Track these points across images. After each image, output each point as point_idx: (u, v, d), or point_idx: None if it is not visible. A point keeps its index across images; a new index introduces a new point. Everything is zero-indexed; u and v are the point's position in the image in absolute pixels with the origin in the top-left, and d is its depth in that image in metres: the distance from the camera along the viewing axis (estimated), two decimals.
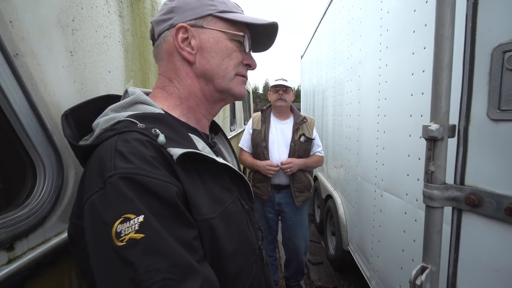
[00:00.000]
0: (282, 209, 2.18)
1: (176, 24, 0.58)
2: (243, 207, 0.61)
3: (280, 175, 2.12)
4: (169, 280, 0.39)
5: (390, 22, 1.70)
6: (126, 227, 0.39)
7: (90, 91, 0.70)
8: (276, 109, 2.20)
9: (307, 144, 2.11)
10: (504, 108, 0.44)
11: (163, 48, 0.61)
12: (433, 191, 0.52)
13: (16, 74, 0.50)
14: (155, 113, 0.54)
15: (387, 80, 1.76)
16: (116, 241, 0.38)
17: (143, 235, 0.39)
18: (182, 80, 0.60)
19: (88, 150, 0.50)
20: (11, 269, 0.48)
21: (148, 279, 0.38)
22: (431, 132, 0.50)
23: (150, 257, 0.39)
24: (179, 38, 0.57)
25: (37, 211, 0.54)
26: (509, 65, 0.43)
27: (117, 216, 0.39)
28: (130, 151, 0.44)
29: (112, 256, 0.39)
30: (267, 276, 0.69)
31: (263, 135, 2.12)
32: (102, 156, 0.45)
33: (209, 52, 0.59)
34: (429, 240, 0.54)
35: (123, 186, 0.41)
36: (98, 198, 0.42)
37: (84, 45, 0.68)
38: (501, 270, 0.46)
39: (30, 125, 0.53)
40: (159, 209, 0.42)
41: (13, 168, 0.55)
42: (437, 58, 0.50)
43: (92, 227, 0.42)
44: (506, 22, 0.44)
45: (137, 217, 0.39)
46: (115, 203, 0.40)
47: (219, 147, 0.72)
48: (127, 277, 0.38)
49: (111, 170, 0.42)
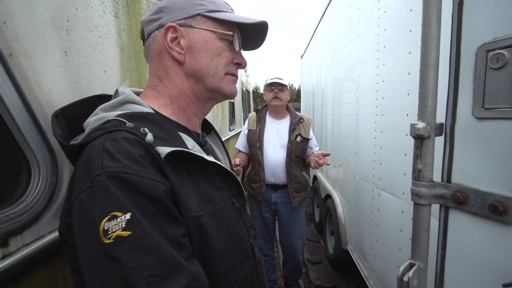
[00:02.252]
0: (278, 209, 2.18)
1: (165, 24, 0.58)
2: (233, 205, 0.62)
3: (275, 174, 2.10)
4: (156, 277, 0.39)
5: (388, 22, 1.71)
6: (113, 224, 0.39)
7: (85, 90, 0.71)
8: (272, 108, 2.16)
9: (303, 144, 2.09)
10: (488, 107, 0.44)
11: (153, 48, 0.61)
12: (421, 189, 0.52)
13: (10, 74, 0.51)
14: (144, 112, 0.55)
15: (384, 80, 1.76)
16: (103, 238, 0.39)
17: (130, 232, 0.40)
18: (172, 79, 0.61)
19: (78, 149, 0.50)
20: (5, 265, 0.49)
21: (135, 276, 0.38)
22: (417, 131, 0.51)
23: (137, 254, 0.39)
24: (168, 38, 0.58)
25: (31, 208, 0.55)
26: (492, 64, 0.43)
27: (104, 214, 0.40)
28: (118, 150, 0.45)
29: (99, 253, 0.40)
30: (260, 273, 0.70)
31: (258, 135, 2.09)
32: (90, 155, 0.45)
33: (198, 52, 0.59)
34: (417, 237, 0.54)
35: (110, 185, 0.41)
36: (86, 196, 0.42)
37: (79, 45, 0.69)
38: (486, 266, 0.47)
39: (24, 124, 0.54)
40: (146, 206, 0.43)
41: (7, 166, 0.56)
42: (424, 57, 0.51)
43: (80, 225, 0.43)
44: (489, 21, 0.44)
45: (124, 214, 0.40)
46: (102, 201, 0.41)
47: (210, 146, 0.73)
48: (115, 274, 0.39)
49: (98, 169, 0.42)
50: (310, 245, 3.51)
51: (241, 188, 0.67)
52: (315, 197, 4.26)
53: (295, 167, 2.09)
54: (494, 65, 0.43)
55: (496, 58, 0.43)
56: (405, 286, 0.52)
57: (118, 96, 0.57)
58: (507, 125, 0.42)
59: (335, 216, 2.81)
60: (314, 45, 4.45)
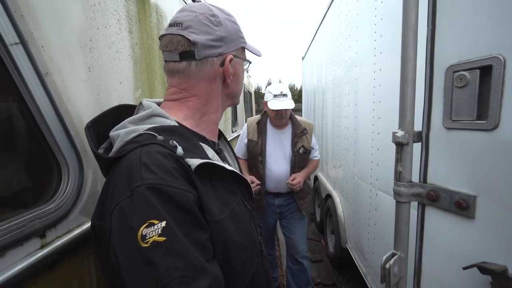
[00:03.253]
0: (283, 211, 2.19)
1: (225, 54, 0.68)
2: (245, 207, 0.69)
3: (278, 185, 2.09)
4: (186, 278, 0.45)
5: (384, 29, 1.78)
6: (151, 231, 0.45)
7: (104, 101, 0.79)
8: (275, 123, 2.09)
9: (305, 155, 2.07)
10: (454, 119, 0.52)
11: (208, 71, 0.66)
12: (401, 188, 0.60)
13: (46, 90, 0.59)
14: (170, 125, 0.61)
15: (381, 84, 1.84)
16: (141, 242, 0.45)
17: (165, 238, 0.45)
18: (212, 98, 0.70)
19: (111, 160, 0.57)
20: (44, 253, 0.58)
21: (168, 276, 0.44)
22: (397, 138, 0.58)
23: (171, 257, 0.45)
24: (230, 69, 0.69)
25: (63, 205, 0.64)
26: (457, 83, 0.51)
27: (143, 221, 0.46)
28: (154, 163, 0.50)
29: (137, 256, 0.45)
30: (266, 267, 0.77)
31: (260, 148, 2.04)
32: (128, 167, 0.51)
33: (238, 78, 0.74)
34: (398, 231, 0.62)
35: (149, 195, 0.47)
36: (126, 204, 0.48)
37: (99, 61, 0.78)
38: (454, 254, 0.54)
39: (57, 132, 0.62)
40: (179, 215, 0.49)
41: (43, 168, 0.64)
42: (403, 75, 0.59)
43: (120, 229, 0.48)
44: (455, 46, 0.52)
45: (160, 222, 0.46)
46: (141, 210, 0.47)
47: (223, 153, 0.81)
48: (149, 274, 0.45)
49: (138, 181, 0.48)
50: (311, 244, 3.59)
51: (251, 191, 0.75)
52: (316, 197, 4.33)
53: None
54: (458, 84, 0.51)
55: (460, 78, 0.50)
56: (387, 273, 0.60)
57: (143, 109, 0.64)
58: (468, 135, 0.50)
59: (335, 215, 2.88)
60: (315, 47, 4.53)
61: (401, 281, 0.61)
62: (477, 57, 0.48)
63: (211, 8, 0.67)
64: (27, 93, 0.56)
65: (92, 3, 0.75)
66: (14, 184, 0.59)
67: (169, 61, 0.66)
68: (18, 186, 0.60)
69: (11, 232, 0.51)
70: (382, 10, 1.80)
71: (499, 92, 0.45)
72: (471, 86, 0.49)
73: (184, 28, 0.63)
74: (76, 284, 0.67)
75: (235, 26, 0.71)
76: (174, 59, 0.65)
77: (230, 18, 0.71)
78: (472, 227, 0.51)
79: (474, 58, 0.48)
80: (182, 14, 0.65)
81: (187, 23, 0.63)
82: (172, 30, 0.64)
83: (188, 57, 0.64)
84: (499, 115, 0.45)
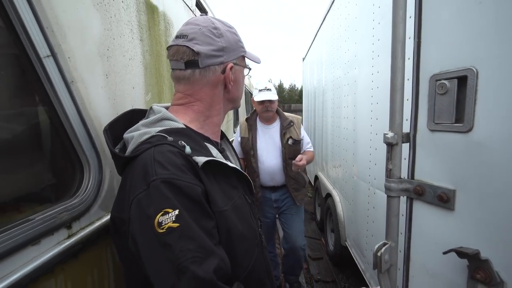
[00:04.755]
0: (280, 205, 2.29)
1: (226, 62, 0.74)
2: (246, 201, 0.76)
3: (273, 178, 2.19)
4: (197, 258, 0.52)
5: (381, 33, 1.84)
6: (166, 218, 0.52)
7: (119, 105, 0.86)
8: (263, 117, 2.23)
9: (295, 146, 2.16)
10: (437, 122, 0.58)
11: (210, 78, 0.73)
12: (391, 184, 0.67)
13: (72, 96, 0.66)
14: (179, 128, 0.68)
15: (379, 86, 1.90)
16: (158, 229, 0.51)
17: (178, 224, 0.52)
18: (215, 103, 0.77)
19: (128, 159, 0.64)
20: (70, 242, 0.64)
21: (182, 256, 0.51)
22: (387, 139, 0.65)
23: (184, 240, 0.52)
24: (230, 76, 0.75)
25: (85, 200, 0.71)
26: (439, 90, 0.57)
27: (158, 210, 0.52)
28: (166, 160, 0.57)
29: (154, 240, 0.52)
30: (266, 258, 0.84)
31: (251, 143, 2.17)
32: (144, 164, 0.57)
33: (239, 84, 0.80)
34: (389, 223, 0.69)
35: (163, 188, 0.54)
36: (143, 196, 0.54)
37: (115, 68, 0.84)
38: (438, 242, 0.61)
39: (81, 134, 0.69)
40: (189, 205, 0.55)
41: (68, 166, 0.71)
42: (392, 83, 0.65)
43: (139, 218, 0.54)
44: (437, 58, 0.58)
45: (174, 211, 0.52)
46: (157, 200, 0.53)
47: (226, 152, 0.88)
48: (166, 256, 0.51)
49: (153, 175, 0.55)
50: (312, 242, 3.65)
51: (251, 186, 0.81)
52: (317, 196, 4.39)
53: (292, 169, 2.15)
54: (440, 91, 0.57)
55: (441, 86, 0.57)
56: (378, 260, 0.67)
57: (153, 113, 0.71)
58: (448, 136, 0.57)
59: (335, 214, 2.94)
60: (315, 49, 4.59)
61: (391, 267, 0.68)
62: (455, 68, 0.54)
63: (214, 22, 0.74)
64: (56, 100, 0.63)
65: (109, 15, 0.82)
66: (45, 180, 0.66)
67: (176, 69, 0.73)
68: (48, 182, 0.67)
69: (45, 222, 0.58)
70: (380, 14, 1.86)
71: (472, 99, 0.51)
72: (450, 93, 0.55)
73: (189, 40, 0.70)
74: (96, 271, 0.74)
75: (235, 37, 0.77)
76: (180, 67, 0.71)
77: (231, 30, 0.77)
78: (452, 217, 0.58)
79: (452, 69, 0.55)
80: (188, 27, 0.72)
81: (192, 35, 0.70)
82: (179, 41, 0.71)
83: (192, 65, 0.71)
84: (473, 119, 0.52)
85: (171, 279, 0.51)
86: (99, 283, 0.75)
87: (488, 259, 0.52)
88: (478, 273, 0.54)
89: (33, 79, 0.60)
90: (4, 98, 0.59)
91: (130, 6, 0.94)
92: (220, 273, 0.54)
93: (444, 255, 0.59)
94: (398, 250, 0.69)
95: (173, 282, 0.51)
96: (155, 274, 0.53)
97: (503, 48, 0.48)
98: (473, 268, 0.54)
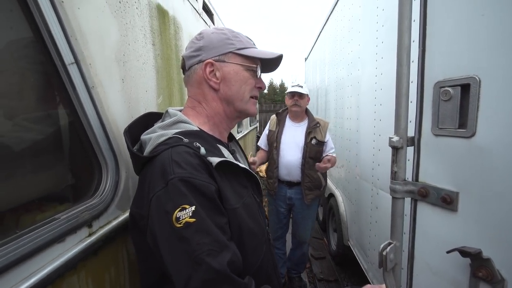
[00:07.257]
0: (293, 203, 2.38)
1: (204, 60, 0.75)
2: (255, 200, 0.79)
3: (290, 172, 2.30)
4: (212, 251, 0.55)
5: (385, 35, 1.86)
6: (183, 214, 0.55)
7: (134, 108, 0.90)
8: (292, 112, 2.40)
9: (318, 147, 2.26)
10: (440, 127, 0.61)
11: (193, 78, 0.78)
12: (396, 186, 0.70)
13: (92, 101, 0.70)
14: (193, 130, 0.72)
15: (382, 88, 1.92)
16: (175, 223, 0.55)
17: (195, 219, 0.55)
18: (209, 102, 0.79)
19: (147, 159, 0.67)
20: (91, 240, 0.68)
21: (199, 249, 0.54)
22: (393, 143, 0.68)
23: (200, 234, 0.55)
24: (207, 71, 0.75)
25: (104, 199, 0.74)
26: (443, 97, 0.60)
27: (176, 206, 0.56)
28: (183, 160, 0.61)
29: (172, 234, 0.55)
30: (272, 254, 0.87)
31: (275, 136, 2.34)
32: (162, 164, 0.61)
33: (230, 81, 0.76)
34: (394, 223, 0.72)
35: (181, 186, 0.57)
36: (162, 193, 0.58)
37: (130, 73, 0.88)
38: (441, 242, 0.64)
39: (100, 136, 0.73)
40: (204, 202, 0.58)
41: (89, 168, 0.74)
42: (398, 89, 0.68)
43: (157, 214, 0.58)
44: (441, 65, 0.61)
45: (191, 207, 0.56)
46: (175, 197, 0.57)
47: (236, 154, 0.91)
48: (183, 249, 0.55)
49: (171, 174, 0.58)
50: (314, 242, 3.68)
51: (260, 186, 0.85)
52: None
53: (310, 167, 2.25)
54: (444, 98, 0.60)
55: (445, 93, 0.60)
56: (384, 259, 0.70)
57: (169, 116, 0.75)
58: (452, 141, 0.59)
59: (338, 214, 2.97)
60: (318, 49, 4.62)
61: (396, 266, 0.71)
62: (458, 76, 0.57)
63: (203, 30, 0.81)
64: (78, 105, 0.66)
65: (125, 22, 0.85)
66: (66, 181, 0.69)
67: None
68: (69, 182, 0.70)
69: (69, 221, 0.62)
70: (383, 17, 1.88)
71: (475, 106, 0.54)
72: (454, 100, 0.58)
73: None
74: (113, 268, 0.78)
75: (222, 36, 0.76)
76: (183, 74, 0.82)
77: (218, 31, 0.78)
78: (455, 218, 0.61)
79: (456, 76, 0.58)
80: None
81: None
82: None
83: (184, 70, 0.81)
84: (475, 125, 0.54)
85: (188, 270, 0.54)
86: (116, 278, 0.78)
87: (490, 258, 0.55)
88: (480, 271, 0.57)
89: (58, 84, 0.63)
90: (31, 102, 0.63)
91: (144, 12, 0.98)
92: (233, 266, 0.58)
93: (447, 254, 0.62)
94: (402, 249, 0.72)
95: (189, 273, 0.54)
96: (173, 265, 0.57)
97: (505, 59, 0.51)
98: (475, 266, 0.57)
